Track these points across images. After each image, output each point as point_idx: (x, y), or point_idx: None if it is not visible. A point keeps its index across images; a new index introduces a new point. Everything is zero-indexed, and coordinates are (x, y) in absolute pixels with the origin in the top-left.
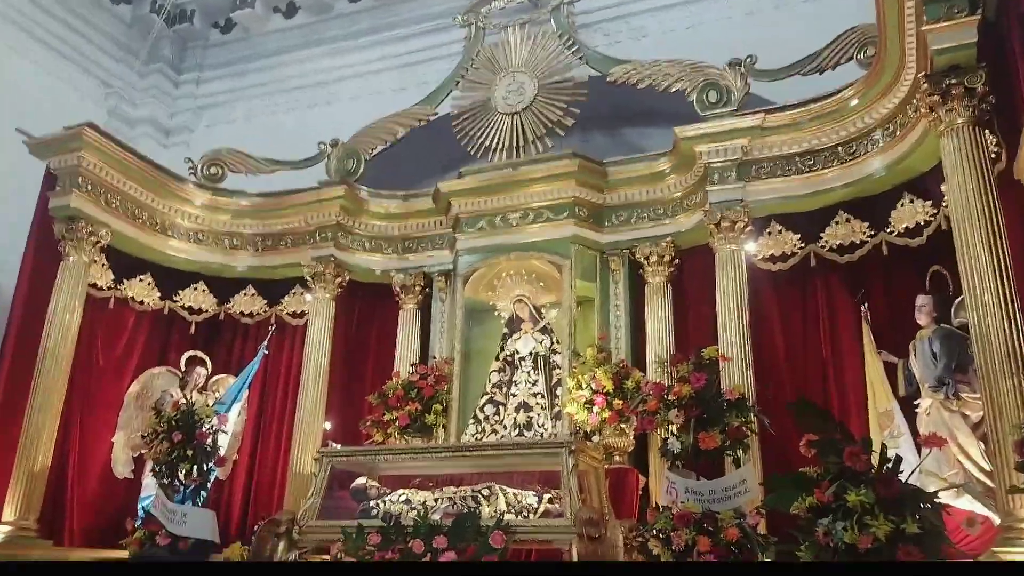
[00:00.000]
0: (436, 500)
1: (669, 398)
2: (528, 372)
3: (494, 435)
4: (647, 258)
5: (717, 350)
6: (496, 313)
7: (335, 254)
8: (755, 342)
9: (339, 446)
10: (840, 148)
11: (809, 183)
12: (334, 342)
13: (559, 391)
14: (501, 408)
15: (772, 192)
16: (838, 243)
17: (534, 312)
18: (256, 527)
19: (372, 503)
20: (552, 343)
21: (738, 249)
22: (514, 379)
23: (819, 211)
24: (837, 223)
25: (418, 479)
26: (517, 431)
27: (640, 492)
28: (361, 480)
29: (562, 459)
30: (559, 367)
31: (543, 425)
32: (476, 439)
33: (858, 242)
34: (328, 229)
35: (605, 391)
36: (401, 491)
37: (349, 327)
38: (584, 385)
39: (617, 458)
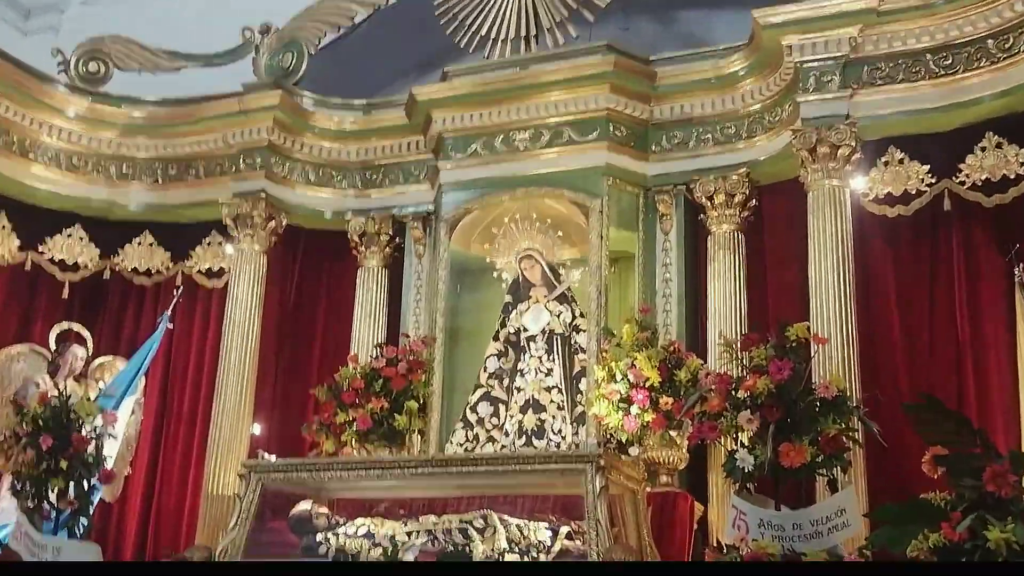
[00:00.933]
0: (409, 534)
1: (739, 395)
2: (540, 358)
3: (491, 445)
4: (711, 198)
5: (808, 328)
6: (495, 275)
7: (267, 189)
8: (862, 318)
9: (273, 458)
10: (990, 41)
11: (944, 92)
12: (266, 313)
13: (583, 384)
14: (501, 407)
15: (891, 104)
16: (984, 178)
17: (549, 274)
18: None
19: (319, 537)
20: (574, 317)
21: (841, 186)
22: (520, 367)
23: (958, 132)
24: (984, 149)
25: (384, 504)
26: (524, 440)
27: (695, 525)
28: (304, 506)
29: (586, 479)
30: (583, 351)
31: (560, 432)
32: (466, 450)
33: (1012, 176)
34: (256, 152)
35: (648, 384)
36: (360, 521)
37: (287, 292)
38: (619, 376)
39: (664, 478)
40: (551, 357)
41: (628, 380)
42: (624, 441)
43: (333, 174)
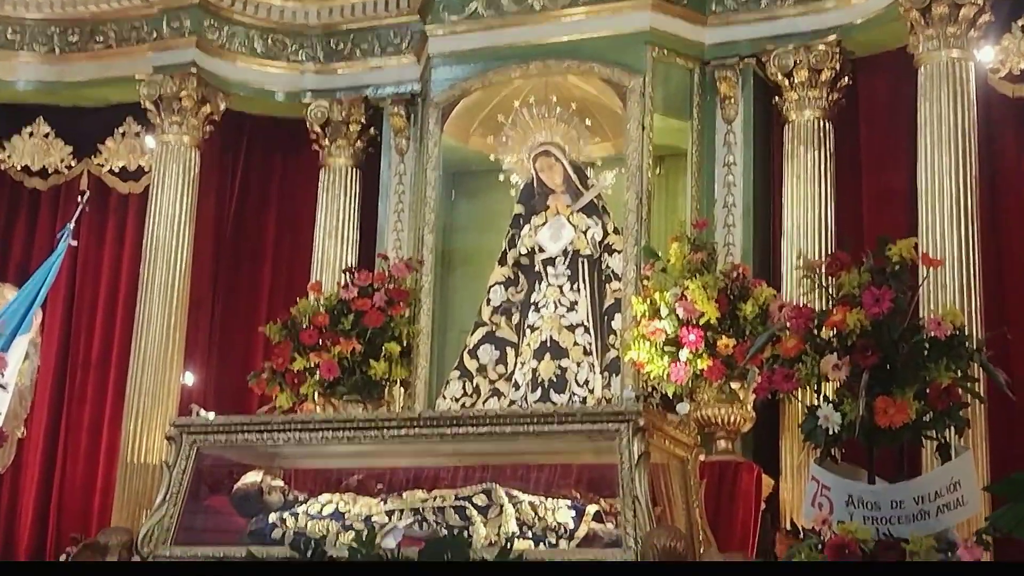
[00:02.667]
0: (390, 514)
1: (822, 334)
2: (561, 287)
3: (496, 400)
4: (789, 75)
5: (915, 247)
6: (502, 178)
7: (198, 61)
8: (987, 233)
9: (211, 415)
10: None
11: None
12: (200, 227)
13: (616, 322)
14: (509, 352)
15: None
16: None
17: (573, 176)
18: (63, 556)
19: (273, 518)
20: (605, 234)
21: (963, 58)
22: (534, 300)
23: None
24: None
25: (357, 477)
26: (539, 393)
27: (763, 504)
28: (253, 478)
29: (620, 443)
30: (617, 278)
31: (586, 383)
32: (464, 406)
33: None
34: (184, 13)
35: (703, 322)
36: (326, 497)
37: (227, 199)
38: (664, 311)
39: (722, 444)
40: (575, 286)
41: (676, 316)
42: (671, 395)
43: (287, 42)
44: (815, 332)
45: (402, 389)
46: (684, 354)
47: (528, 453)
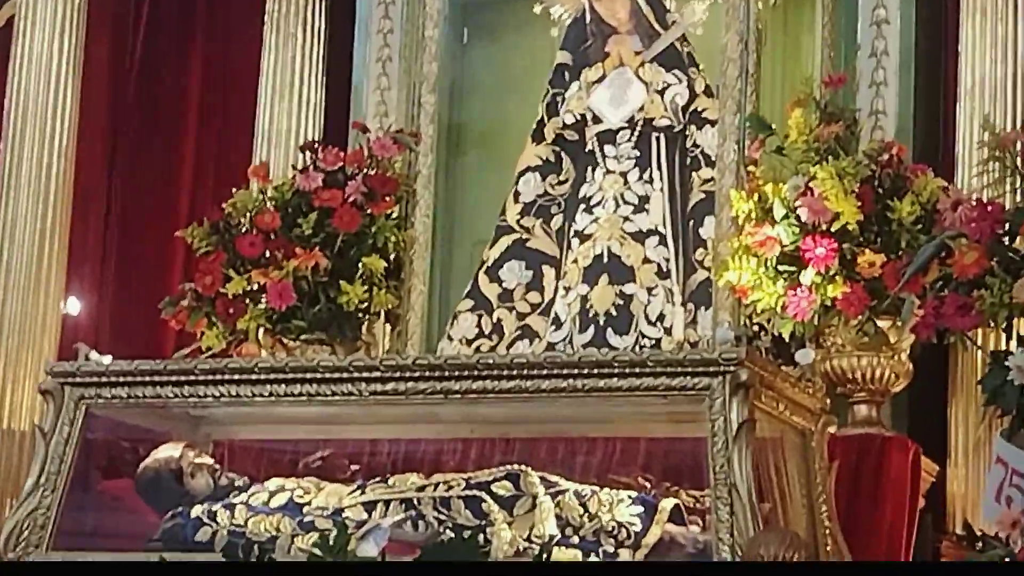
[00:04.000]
0: (370, 507)
1: (1018, 246)
2: (624, 175)
3: (527, 343)
4: None
5: None
6: (539, 9)
7: None
8: None
9: (106, 359)
10: None
11: None
12: (89, 84)
13: (706, 228)
14: (548, 271)
15: None
16: None
17: (645, 7)
18: None
19: (198, 512)
20: (692, 96)
21: None
22: (586, 193)
23: None
24: None
25: (321, 453)
26: (590, 332)
27: (923, 498)
28: (168, 452)
29: (711, 407)
30: (708, 162)
31: (660, 318)
32: (478, 350)
33: None
34: None
35: (837, 227)
36: (277, 483)
37: (128, 39)
38: (779, 211)
39: (863, 409)
40: (647, 174)
41: (797, 219)
42: (787, 337)
43: None
44: (1006, 242)
45: (388, 325)
46: (808, 276)
47: (574, 421)
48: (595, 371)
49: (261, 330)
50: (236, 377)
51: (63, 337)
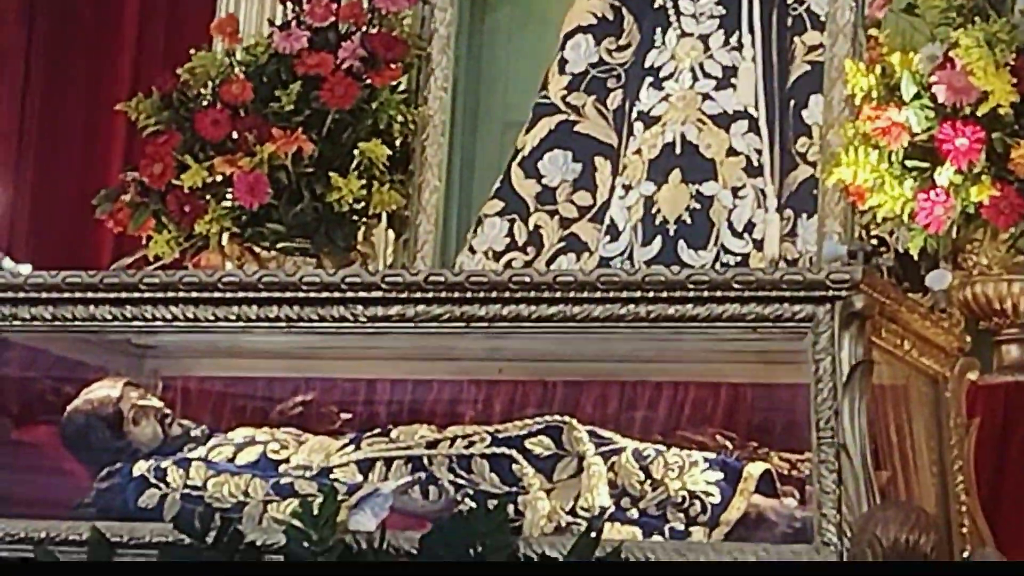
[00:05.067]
0: (366, 467)
1: None
2: (705, 38)
3: (572, 257)
4: None
5: None
6: None
7: None
8: None
9: (24, 269)
10: None
11: None
12: None
13: (812, 110)
14: (602, 164)
15: None
16: None
17: None
18: None
19: (142, 469)
20: None
21: None
22: (653, 61)
23: None
24: None
25: (302, 397)
26: (657, 244)
27: None
28: (104, 392)
29: (815, 344)
30: (817, 22)
31: (750, 227)
32: (510, 265)
33: None
34: None
35: (984, 111)
36: (243, 433)
37: None
38: (908, 89)
39: (1013, 351)
40: (734, 37)
41: (931, 99)
42: (915, 255)
43: None
44: None
45: (391, 232)
46: (945, 174)
47: (634, 360)
48: (663, 294)
49: (226, 235)
50: (192, 295)
51: None
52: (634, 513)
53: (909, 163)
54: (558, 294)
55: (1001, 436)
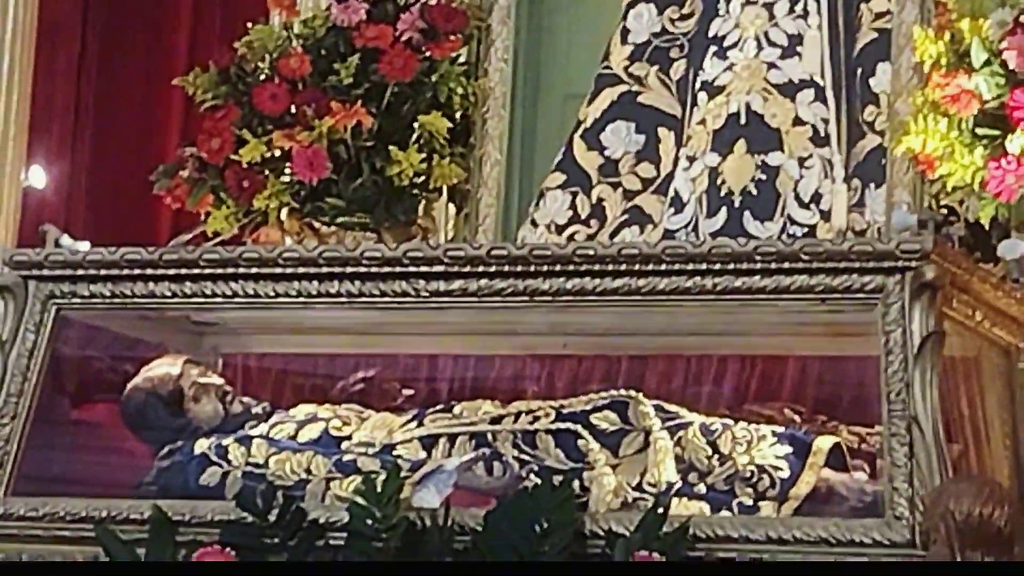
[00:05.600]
0: (429, 444)
1: None
2: (770, 5)
3: (636, 230)
4: None
5: None
6: None
7: None
8: None
9: (83, 247)
10: None
11: None
12: None
13: (880, 79)
14: (665, 135)
15: None
16: None
17: None
18: None
19: (203, 447)
20: None
21: None
22: (718, 30)
23: None
24: None
25: (365, 374)
26: (722, 216)
27: None
28: (165, 370)
29: (884, 315)
30: None
31: (817, 197)
32: (573, 238)
33: None
34: None
35: None
36: (306, 410)
37: None
38: (979, 55)
39: None
40: (799, 5)
41: (1002, 66)
42: (986, 224)
43: None
44: None
45: (452, 205)
46: (1016, 142)
47: (700, 333)
48: (729, 267)
49: (284, 210)
50: (252, 271)
51: (24, 218)
52: (701, 488)
53: (979, 131)
54: (623, 267)
55: None
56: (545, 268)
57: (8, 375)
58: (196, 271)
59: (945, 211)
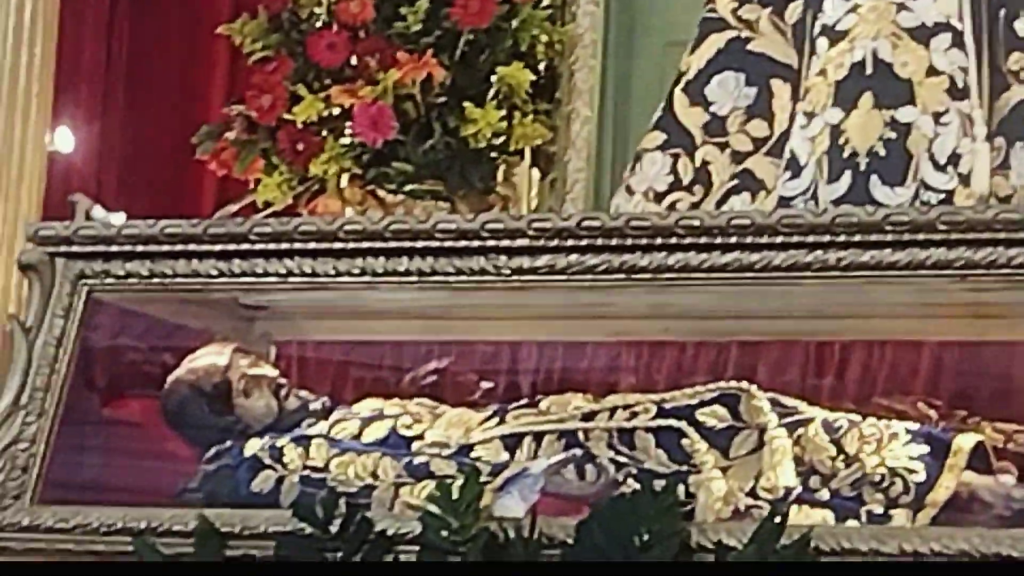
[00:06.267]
0: (512, 444)
1: None
2: None
3: (746, 196)
4: None
5: None
6: None
7: None
8: None
9: (118, 218)
10: None
11: None
12: None
13: None
14: (779, 88)
15: None
16: None
17: None
18: None
19: (255, 448)
20: None
21: None
22: None
23: None
24: None
25: (437, 364)
26: (846, 180)
27: None
28: (211, 359)
29: None
30: None
31: (954, 158)
32: (674, 207)
33: None
34: None
35: None
36: (370, 405)
37: None
38: None
39: None
40: None
41: None
42: None
43: None
44: None
45: (536, 171)
46: None
47: (821, 316)
48: (855, 238)
49: (345, 177)
50: (309, 246)
51: (50, 186)
52: (824, 494)
53: None
54: (733, 240)
55: None
56: (643, 241)
57: (33, 366)
58: (245, 247)
59: None
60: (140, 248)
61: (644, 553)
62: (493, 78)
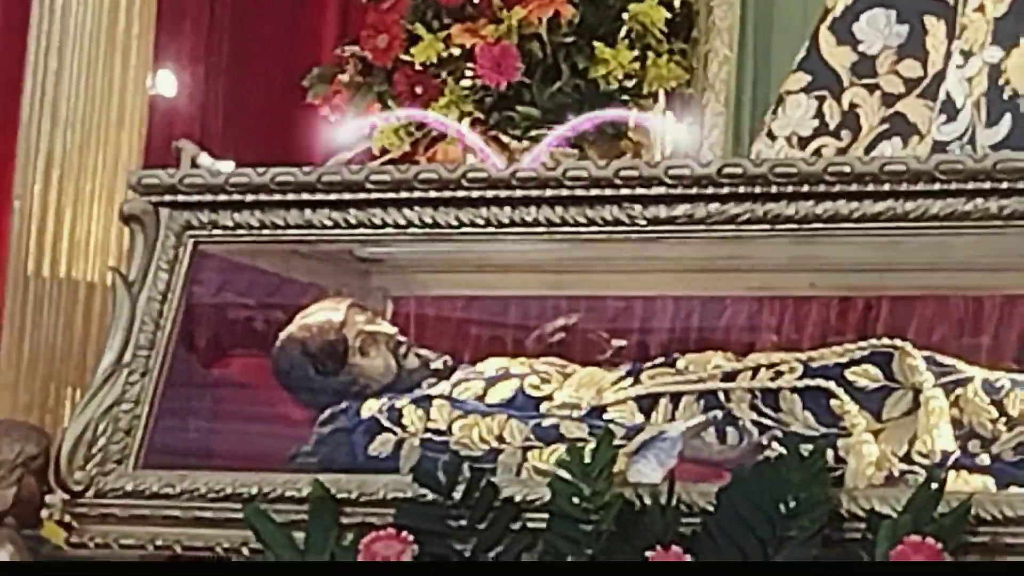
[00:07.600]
0: (647, 405)
1: None
2: None
3: (897, 141)
4: None
5: None
6: None
7: None
8: None
9: (225, 166)
10: None
11: None
12: None
13: None
14: (933, 24)
15: None
16: None
17: None
18: None
19: (373, 409)
20: None
21: None
22: None
23: None
24: None
25: (565, 321)
26: (1006, 124)
27: None
28: (325, 315)
29: None
30: None
31: None
32: (819, 153)
33: None
34: None
35: None
36: (495, 364)
37: None
38: None
39: None
40: None
41: None
42: None
43: None
44: None
45: (671, 114)
46: None
47: (981, 268)
48: (1017, 186)
49: (467, 121)
50: (430, 195)
51: (152, 132)
52: (985, 459)
53: None
54: (885, 187)
55: None
56: (789, 189)
57: (137, 323)
58: (361, 196)
59: None
60: (249, 197)
61: (791, 521)
62: (625, 16)
